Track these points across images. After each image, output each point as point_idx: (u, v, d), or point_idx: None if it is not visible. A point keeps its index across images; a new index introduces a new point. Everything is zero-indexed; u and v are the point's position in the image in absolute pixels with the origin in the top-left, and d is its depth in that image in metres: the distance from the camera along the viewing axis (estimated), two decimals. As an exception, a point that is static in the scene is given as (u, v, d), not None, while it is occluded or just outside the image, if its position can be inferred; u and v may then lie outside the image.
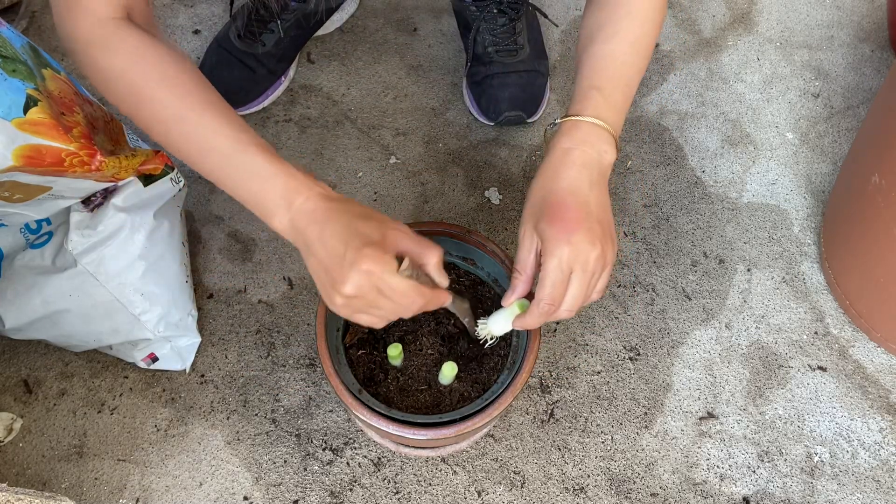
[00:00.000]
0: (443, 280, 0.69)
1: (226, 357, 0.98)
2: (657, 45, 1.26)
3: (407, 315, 0.67)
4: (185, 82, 0.68)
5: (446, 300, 0.70)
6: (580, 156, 0.69)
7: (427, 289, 0.66)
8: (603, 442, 0.94)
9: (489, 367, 0.83)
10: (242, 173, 0.67)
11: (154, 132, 0.70)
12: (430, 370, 0.82)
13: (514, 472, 0.92)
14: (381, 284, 0.63)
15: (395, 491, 0.90)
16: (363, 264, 0.62)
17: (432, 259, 0.67)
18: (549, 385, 0.97)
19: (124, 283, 0.88)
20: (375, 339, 0.84)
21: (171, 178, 0.90)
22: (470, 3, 1.13)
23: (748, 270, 1.06)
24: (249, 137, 0.67)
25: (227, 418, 0.94)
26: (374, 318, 0.67)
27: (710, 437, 0.95)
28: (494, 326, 0.75)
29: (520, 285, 0.72)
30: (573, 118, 0.71)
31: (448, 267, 0.88)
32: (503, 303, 0.74)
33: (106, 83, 0.69)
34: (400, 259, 0.65)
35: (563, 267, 0.67)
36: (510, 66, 1.12)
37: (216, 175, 0.69)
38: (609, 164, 0.71)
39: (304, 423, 0.94)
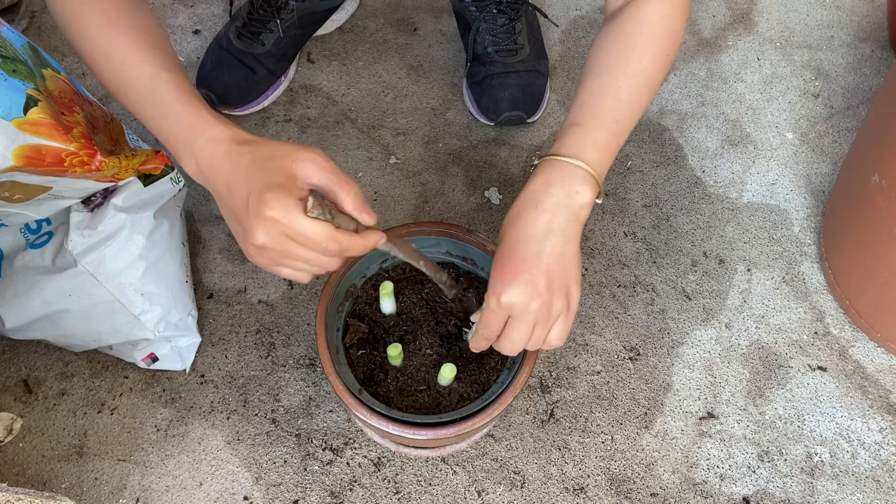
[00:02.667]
0: (366, 218, 0.63)
1: (226, 357, 0.98)
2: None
3: (331, 267, 0.63)
4: (123, 21, 0.68)
5: (376, 240, 0.65)
6: (546, 198, 0.66)
7: (345, 232, 0.61)
8: (603, 442, 0.94)
9: (489, 368, 0.83)
10: (156, 113, 0.66)
11: (93, 71, 0.70)
12: (429, 370, 0.82)
13: (514, 472, 0.92)
14: (288, 231, 0.59)
15: (395, 491, 0.90)
16: (266, 210, 0.58)
17: (348, 195, 0.62)
18: (549, 385, 0.97)
19: (124, 283, 0.88)
20: (375, 339, 0.84)
21: (171, 178, 0.90)
22: (470, 3, 1.13)
23: (748, 270, 1.06)
24: (168, 76, 0.66)
25: (227, 418, 0.94)
26: (295, 272, 0.63)
27: (710, 437, 0.95)
28: (469, 340, 0.76)
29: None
30: (548, 157, 0.68)
31: (448, 267, 0.88)
32: (472, 318, 0.74)
33: (61, 25, 0.71)
34: (318, 196, 0.60)
35: (497, 311, 0.66)
36: (510, 66, 1.12)
37: (138, 113, 0.68)
38: (582, 205, 0.67)
39: (304, 423, 0.94)
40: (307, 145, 0.63)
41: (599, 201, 0.70)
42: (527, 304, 0.65)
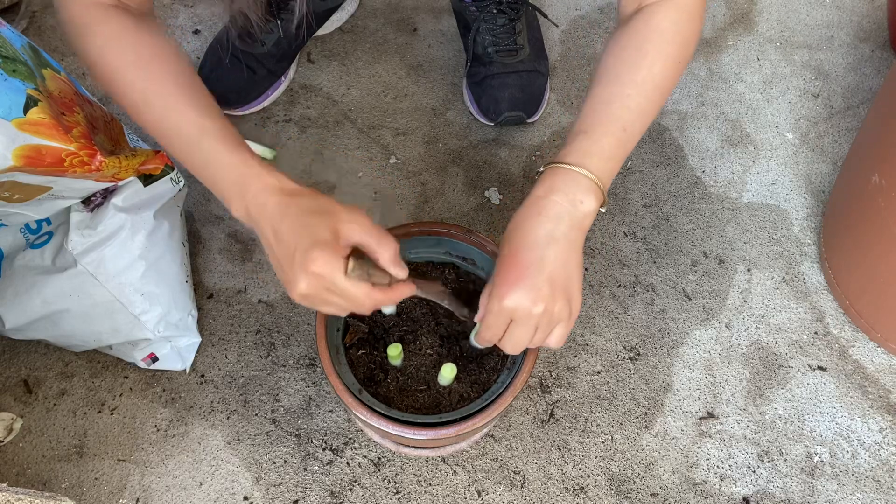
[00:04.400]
0: (399, 272, 0.67)
1: (226, 357, 0.98)
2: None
3: (366, 312, 0.67)
4: (158, 66, 0.69)
5: (407, 292, 0.69)
6: (550, 206, 0.67)
7: (379, 289, 0.65)
8: (603, 442, 0.94)
9: (489, 368, 0.83)
10: (202, 160, 0.68)
11: (129, 113, 0.71)
12: (429, 370, 0.82)
13: (514, 472, 0.92)
14: (329, 286, 0.63)
15: (395, 491, 0.90)
16: (310, 266, 0.62)
17: (386, 253, 0.66)
18: (549, 385, 0.97)
19: (124, 283, 0.88)
20: (375, 339, 0.84)
21: (171, 178, 0.90)
22: (469, 3, 1.13)
23: (748, 270, 1.06)
24: (212, 124, 0.68)
25: (227, 418, 0.94)
26: (335, 310, 0.67)
27: (710, 437, 0.95)
28: (472, 339, 0.77)
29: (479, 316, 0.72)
30: (553, 165, 0.69)
31: (448, 267, 0.88)
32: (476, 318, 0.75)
33: (88, 65, 0.71)
34: (358, 254, 0.65)
35: (499, 315, 0.67)
36: (510, 66, 1.12)
37: (181, 158, 0.70)
38: (586, 213, 0.67)
39: (304, 423, 0.94)
40: (349, 205, 0.66)
41: (603, 210, 0.70)
42: (529, 308, 0.66)
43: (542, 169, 0.70)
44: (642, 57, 0.71)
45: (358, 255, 0.65)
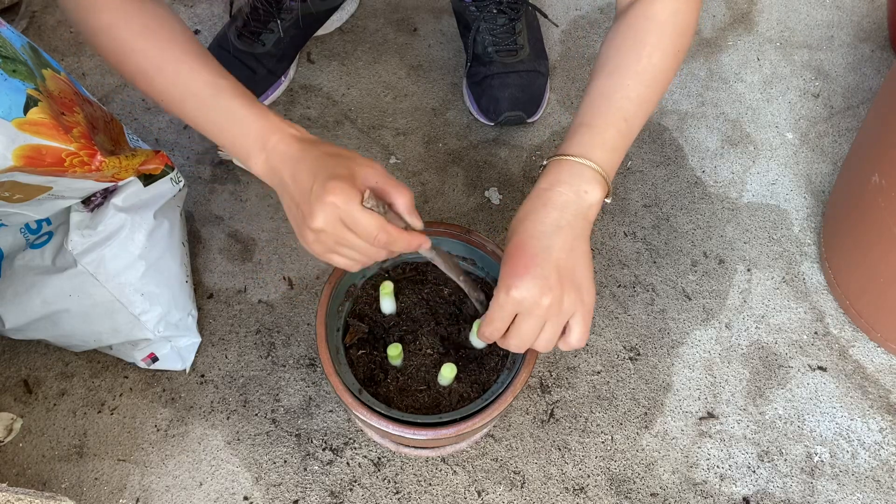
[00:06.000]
0: (415, 221, 0.68)
1: (226, 357, 0.98)
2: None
3: (379, 257, 0.67)
4: (166, 33, 0.70)
5: (420, 243, 0.69)
6: (555, 196, 0.67)
7: (395, 227, 0.66)
8: (603, 442, 0.94)
9: (489, 368, 0.83)
10: (219, 117, 0.69)
11: (139, 83, 0.72)
12: (429, 370, 0.82)
13: (514, 472, 0.92)
14: (345, 217, 0.63)
15: (395, 491, 0.90)
16: (328, 196, 0.62)
17: (402, 199, 0.66)
18: (549, 385, 0.97)
19: (124, 283, 0.88)
20: (375, 339, 0.84)
21: (171, 178, 0.90)
22: (469, 3, 1.13)
23: (748, 270, 1.06)
24: (226, 83, 0.69)
25: (227, 418, 0.94)
26: (346, 260, 0.67)
27: (710, 437, 0.95)
28: (473, 336, 0.78)
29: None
30: (557, 157, 0.69)
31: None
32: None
33: (95, 40, 0.72)
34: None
35: (504, 306, 0.66)
36: (510, 66, 1.12)
37: (197, 120, 0.71)
38: (591, 204, 0.67)
39: (304, 423, 0.94)
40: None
41: (608, 200, 0.70)
42: (537, 298, 0.65)
43: (545, 162, 0.70)
44: (641, 47, 0.71)
45: (374, 194, 0.66)
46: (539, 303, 0.65)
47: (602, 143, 0.69)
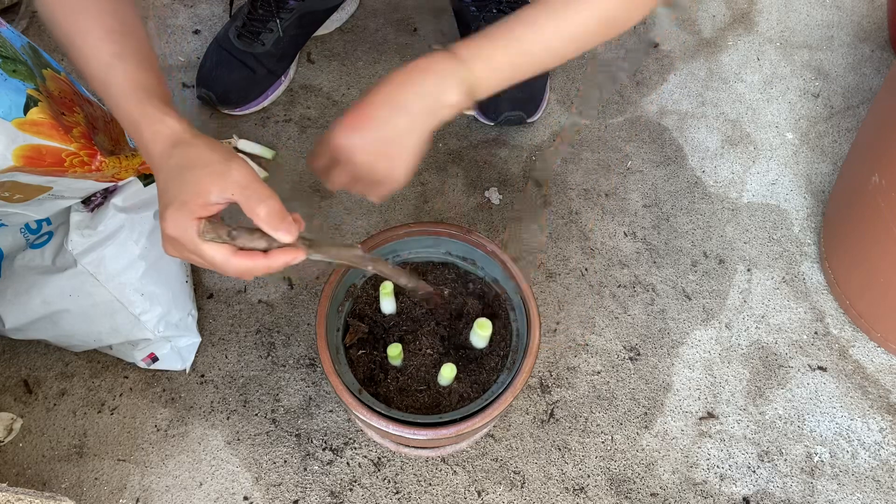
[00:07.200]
0: (281, 234, 0.61)
1: (226, 357, 0.98)
2: (656, 45, 1.26)
3: (248, 277, 0.63)
4: (92, 7, 0.67)
5: (288, 260, 0.63)
6: (420, 80, 0.67)
7: (246, 255, 0.61)
8: (603, 442, 0.94)
9: (489, 368, 0.83)
10: (110, 101, 0.66)
11: (67, 58, 0.69)
12: (429, 370, 0.82)
13: (514, 472, 0.92)
14: (191, 249, 0.60)
15: (395, 491, 0.90)
16: (165, 227, 0.60)
17: (260, 211, 0.60)
18: (549, 385, 0.97)
19: (124, 283, 0.88)
20: (375, 339, 0.84)
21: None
22: (469, 3, 1.13)
23: (748, 270, 1.06)
24: (122, 65, 0.65)
25: (227, 418, 0.94)
26: (233, 273, 0.63)
27: (710, 437, 0.95)
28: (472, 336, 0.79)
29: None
30: (448, 51, 0.69)
31: (448, 267, 0.88)
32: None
33: (39, 12, 0.69)
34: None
35: (324, 146, 0.68)
36: (510, 65, 1.12)
37: (103, 101, 0.68)
38: (446, 105, 0.68)
39: (304, 423, 0.94)
40: (234, 155, 0.62)
41: (468, 113, 0.70)
42: (352, 155, 0.67)
43: (437, 47, 0.70)
44: (576, 3, 0.70)
45: (214, 220, 0.61)
46: (353, 160, 0.67)
47: (489, 59, 0.69)
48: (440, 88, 0.67)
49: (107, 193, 0.86)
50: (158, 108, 0.63)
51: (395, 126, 0.67)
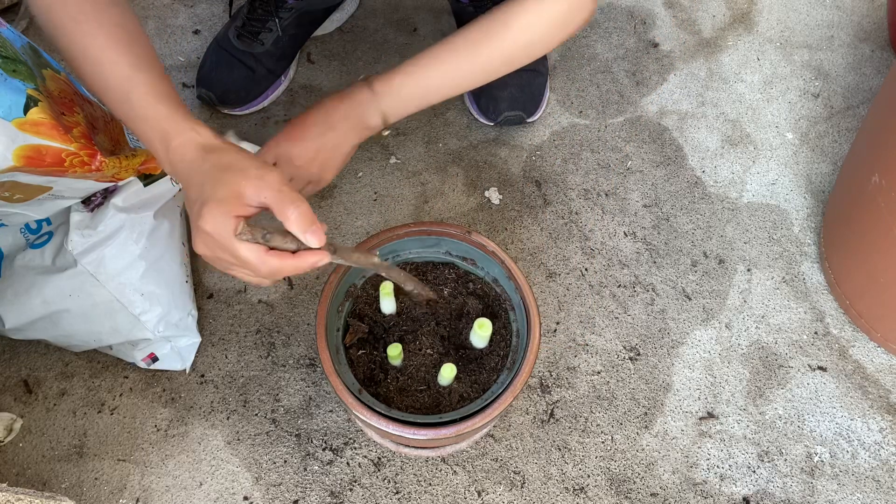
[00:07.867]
0: (310, 239, 0.62)
1: (226, 357, 0.98)
2: (656, 45, 1.26)
3: (268, 281, 0.65)
4: (97, 20, 0.68)
5: (315, 262, 0.64)
6: (350, 106, 0.82)
7: (277, 255, 0.62)
8: (603, 442, 0.94)
9: (489, 368, 0.83)
10: (131, 113, 0.67)
11: (72, 69, 0.70)
12: (429, 370, 0.82)
13: (514, 472, 0.92)
14: (224, 247, 0.61)
15: (395, 491, 0.90)
16: (204, 224, 0.61)
17: (291, 215, 0.61)
18: (549, 385, 0.97)
19: (124, 283, 0.88)
20: (375, 339, 0.84)
21: (172, 178, 0.90)
22: (468, 3, 1.13)
23: (748, 270, 1.06)
24: (142, 77, 0.67)
25: (227, 418, 0.94)
26: (250, 279, 0.66)
27: (710, 437, 0.95)
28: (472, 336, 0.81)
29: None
30: (373, 83, 0.82)
31: (448, 267, 0.88)
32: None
33: (40, 21, 0.70)
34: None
35: (267, 154, 0.82)
36: (510, 65, 1.12)
37: (117, 113, 0.69)
38: (368, 126, 0.83)
39: (304, 423, 0.94)
40: (268, 163, 0.67)
41: (385, 133, 0.85)
42: (291, 161, 0.82)
43: (364, 77, 0.83)
44: (491, 39, 0.82)
45: (253, 221, 0.62)
46: (291, 164, 0.82)
47: (398, 93, 0.83)
48: (359, 113, 0.82)
49: (107, 193, 0.86)
50: (186, 116, 0.67)
51: (325, 140, 0.82)
